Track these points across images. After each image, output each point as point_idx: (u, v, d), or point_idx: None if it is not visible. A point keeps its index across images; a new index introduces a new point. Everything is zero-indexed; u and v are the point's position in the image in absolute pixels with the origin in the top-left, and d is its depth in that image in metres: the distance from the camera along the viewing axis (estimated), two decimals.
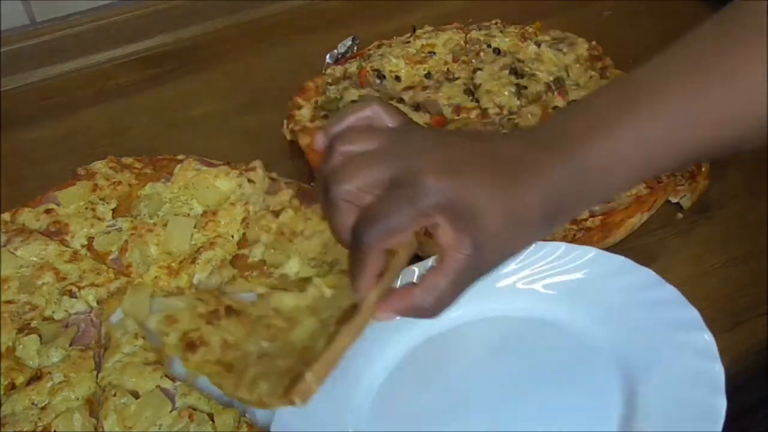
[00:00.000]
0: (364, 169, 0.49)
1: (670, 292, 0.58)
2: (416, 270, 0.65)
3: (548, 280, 0.63)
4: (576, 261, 0.63)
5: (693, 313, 0.56)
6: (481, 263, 0.49)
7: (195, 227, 0.75)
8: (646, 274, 0.60)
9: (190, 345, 0.58)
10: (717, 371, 0.51)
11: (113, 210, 0.78)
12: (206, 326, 0.60)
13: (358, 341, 0.51)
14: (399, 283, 0.60)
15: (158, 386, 0.61)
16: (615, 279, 0.61)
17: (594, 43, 0.98)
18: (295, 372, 0.50)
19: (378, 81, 0.94)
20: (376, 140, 0.50)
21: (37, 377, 0.62)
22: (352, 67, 0.96)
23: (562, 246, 0.65)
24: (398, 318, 0.52)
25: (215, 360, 0.57)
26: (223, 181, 0.79)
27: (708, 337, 0.54)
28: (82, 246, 0.74)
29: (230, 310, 0.61)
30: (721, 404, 0.49)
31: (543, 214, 0.48)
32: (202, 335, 0.59)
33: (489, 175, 0.48)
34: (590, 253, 0.64)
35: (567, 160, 0.49)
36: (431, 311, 0.50)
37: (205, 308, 0.62)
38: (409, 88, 0.93)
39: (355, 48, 1.02)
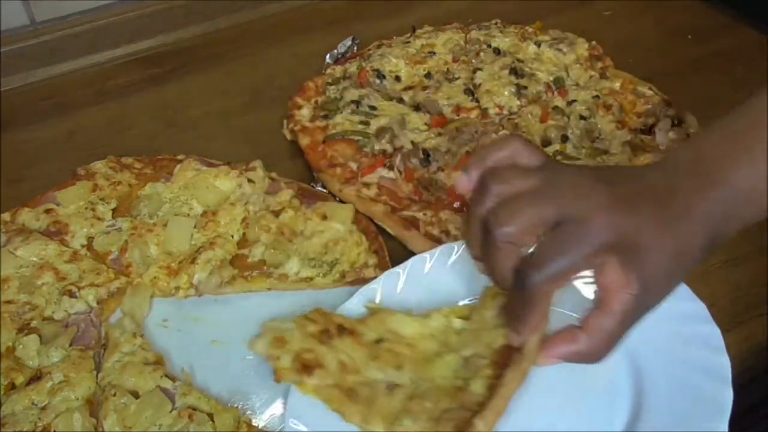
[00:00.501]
0: (525, 210, 0.48)
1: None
2: (427, 257, 0.66)
3: None
4: None
5: (699, 307, 0.56)
6: (648, 301, 0.48)
7: (195, 227, 0.75)
8: None
9: (305, 367, 0.55)
10: (724, 364, 0.52)
11: (113, 210, 0.78)
12: (320, 346, 0.56)
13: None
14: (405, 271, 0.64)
15: (158, 386, 0.61)
16: None
17: (594, 43, 0.98)
18: (453, 417, 0.49)
19: (378, 81, 0.94)
20: (530, 179, 0.50)
21: (37, 377, 0.62)
22: (352, 67, 0.96)
23: None
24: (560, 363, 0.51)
25: (334, 383, 0.54)
26: (223, 181, 0.79)
27: (715, 330, 0.54)
28: (82, 246, 0.74)
29: (342, 329, 0.58)
30: (728, 396, 0.50)
31: (703, 242, 0.49)
32: (317, 356, 0.55)
33: (652, 210, 0.48)
34: None
35: (717, 188, 0.49)
36: (597, 356, 0.49)
37: (315, 327, 0.58)
38: (409, 88, 0.93)
39: (355, 48, 1.02)
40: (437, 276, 0.66)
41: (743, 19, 1.05)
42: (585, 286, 0.57)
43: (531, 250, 0.49)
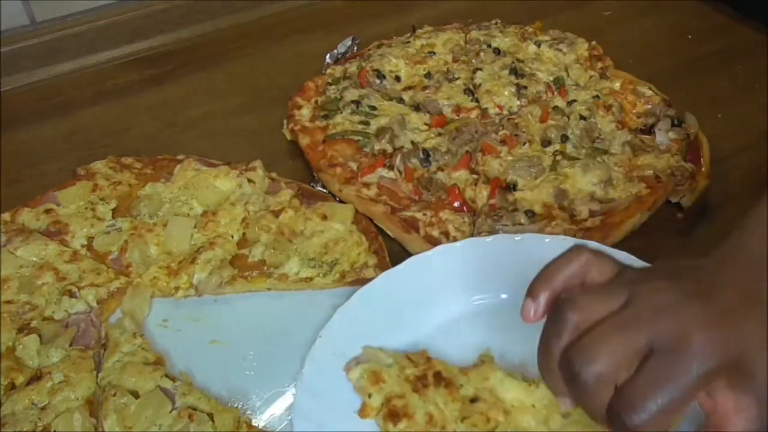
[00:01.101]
0: (613, 342, 0.43)
1: None
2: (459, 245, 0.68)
3: None
4: None
5: None
6: (765, 421, 0.43)
7: (195, 227, 0.75)
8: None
9: (392, 414, 0.55)
10: None
11: (113, 210, 0.78)
12: (412, 394, 0.56)
13: None
14: None
15: (158, 386, 0.61)
16: None
17: (594, 43, 0.98)
18: None
19: (378, 81, 0.94)
20: (610, 302, 0.45)
21: (37, 377, 0.62)
22: (352, 67, 0.96)
23: (568, 240, 0.65)
24: None
25: None
26: (223, 181, 0.79)
27: None
28: (82, 246, 0.74)
29: (439, 378, 0.57)
30: None
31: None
32: (407, 405, 0.55)
33: (755, 319, 0.43)
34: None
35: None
36: None
37: (413, 371, 0.57)
38: (409, 88, 0.93)
39: (355, 48, 1.02)
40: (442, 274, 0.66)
41: (743, 19, 1.05)
42: None
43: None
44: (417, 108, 0.90)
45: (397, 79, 0.95)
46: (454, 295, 0.66)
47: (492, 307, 0.66)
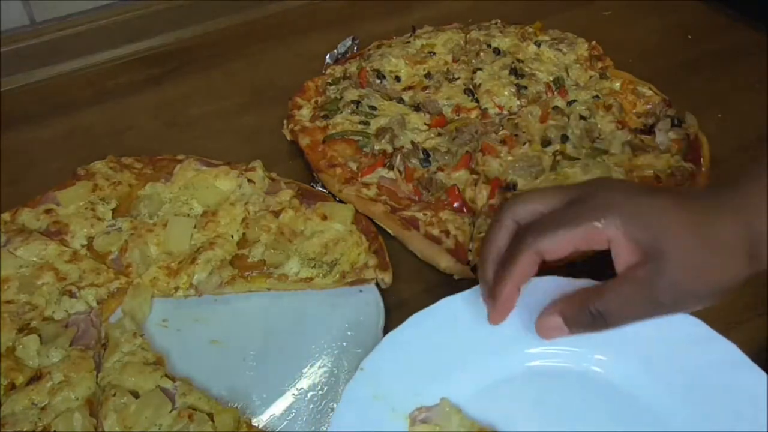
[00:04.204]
0: (541, 195, 0.48)
1: (725, 346, 0.55)
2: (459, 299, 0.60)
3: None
4: None
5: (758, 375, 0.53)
6: (661, 291, 0.47)
7: (195, 227, 0.75)
8: (695, 324, 0.57)
9: None
10: None
11: (113, 210, 0.78)
12: None
13: None
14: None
15: (158, 386, 0.61)
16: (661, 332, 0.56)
17: (594, 43, 0.98)
18: None
19: (378, 81, 0.94)
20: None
21: (37, 377, 0.62)
22: (352, 67, 0.96)
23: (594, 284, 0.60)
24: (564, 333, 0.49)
25: None
26: (223, 181, 0.79)
27: None
28: (82, 246, 0.74)
29: None
30: None
31: (741, 250, 0.47)
32: None
33: (679, 206, 0.46)
34: None
35: (762, 199, 0.47)
36: (613, 320, 0.48)
37: None
38: (409, 88, 0.93)
39: (355, 48, 1.02)
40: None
41: (743, 19, 1.05)
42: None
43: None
44: (417, 108, 0.90)
45: (397, 79, 0.95)
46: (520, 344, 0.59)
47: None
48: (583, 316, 0.49)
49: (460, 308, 0.58)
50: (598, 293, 0.48)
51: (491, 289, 0.52)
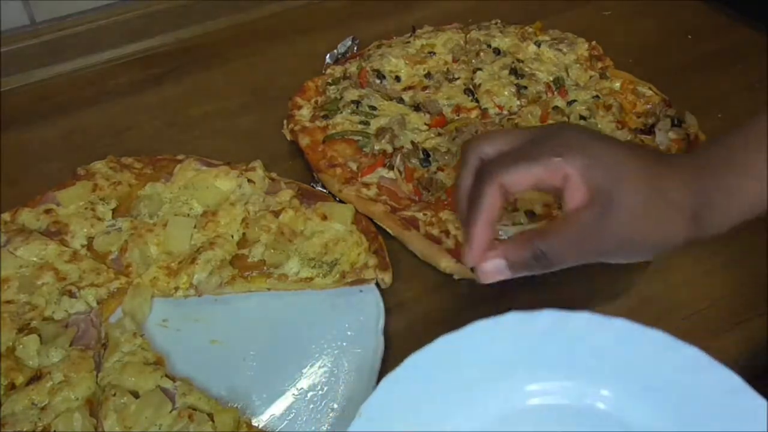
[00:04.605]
0: (505, 134, 0.50)
1: (727, 375, 0.54)
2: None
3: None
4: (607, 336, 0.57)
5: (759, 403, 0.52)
6: (604, 235, 0.48)
7: (195, 227, 0.75)
8: (694, 353, 0.55)
9: None
10: None
11: (113, 210, 0.78)
12: None
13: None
14: None
15: (158, 386, 0.61)
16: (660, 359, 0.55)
17: (594, 43, 0.98)
18: None
19: (378, 81, 0.94)
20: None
21: (37, 377, 0.62)
22: (352, 67, 0.96)
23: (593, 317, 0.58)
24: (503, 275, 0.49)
25: None
26: (223, 181, 0.79)
27: None
28: (82, 246, 0.74)
29: None
30: None
31: (688, 212, 0.48)
32: None
33: (636, 157, 0.48)
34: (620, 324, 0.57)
35: (716, 169, 0.49)
36: (556, 260, 0.49)
37: None
38: (409, 88, 0.93)
39: (355, 48, 1.02)
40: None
41: (743, 19, 1.06)
42: None
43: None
44: (417, 108, 0.90)
45: (397, 79, 0.95)
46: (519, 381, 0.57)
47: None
48: (526, 257, 0.49)
49: (457, 347, 0.56)
50: (542, 234, 0.49)
51: (463, 227, 0.53)
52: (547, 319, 0.55)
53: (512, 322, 0.54)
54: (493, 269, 0.50)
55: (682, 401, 0.54)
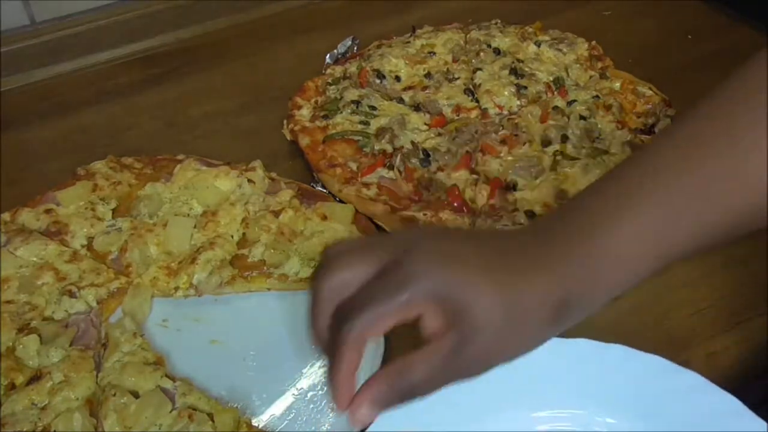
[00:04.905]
0: (351, 262, 0.46)
1: (728, 399, 0.55)
2: None
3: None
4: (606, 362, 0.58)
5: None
6: (468, 360, 0.45)
7: (195, 227, 0.75)
8: (693, 378, 0.56)
9: None
10: None
11: (113, 210, 0.78)
12: None
13: None
14: None
15: (158, 386, 0.61)
16: (658, 384, 0.56)
17: (594, 43, 0.98)
18: None
19: (378, 81, 0.94)
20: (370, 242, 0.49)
21: (37, 377, 0.62)
22: (352, 67, 0.96)
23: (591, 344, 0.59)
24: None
25: None
26: (223, 181, 0.79)
27: None
28: (82, 246, 0.74)
29: None
30: None
31: (548, 313, 0.45)
32: None
33: (486, 270, 0.45)
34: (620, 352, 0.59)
35: (571, 257, 0.46)
36: (413, 394, 0.47)
37: None
38: (409, 88, 0.93)
39: (355, 48, 1.02)
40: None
41: (743, 19, 1.05)
42: None
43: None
44: (417, 108, 0.90)
45: (397, 79, 0.95)
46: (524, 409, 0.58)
47: None
48: (393, 395, 0.47)
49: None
50: (405, 369, 0.46)
51: (328, 376, 0.49)
52: (547, 346, 0.54)
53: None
54: (364, 414, 0.47)
55: (684, 426, 0.54)
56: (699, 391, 0.56)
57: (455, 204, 0.77)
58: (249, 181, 0.79)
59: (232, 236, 0.74)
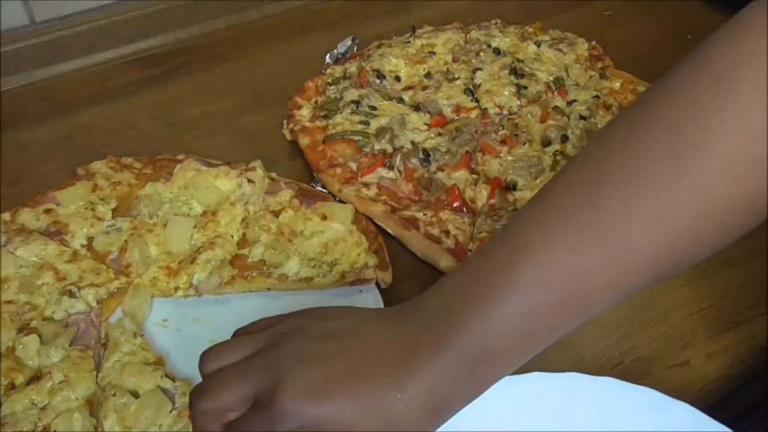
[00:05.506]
0: (227, 387, 0.45)
1: (719, 428, 0.53)
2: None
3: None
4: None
5: None
6: None
7: (195, 227, 0.75)
8: (683, 409, 0.54)
9: None
10: None
11: (113, 210, 0.78)
12: None
13: None
14: None
15: (158, 386, 0.61)
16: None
17: (594, 43, 0.98)
18: None
19: (378, 81, 0.94)
20: (247, 347, 0.47)
21: (36, 377, 0.62)
22: (352, 67, 0.96)
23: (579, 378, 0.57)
24: None
25: None
26: (223, 181, 0.79)
27: None
28: (82, 246, 0.74)
29: None
30: None
31: (422, 415, 0.43)
32: None
33: (354, 390, 0.43)
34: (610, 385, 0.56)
35: (441, 352, 0.43)
36: None
37: None
38: (409, 88, 0.93)
39: (355, 48, 1.03)
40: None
41: None
42: None
43: None
44: (417, 108, 0.90)
45: (397, 79, 0.95)
46: None
47: None
48: None
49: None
50: None
51: None
52: (534, 380, 0.54)
53: (502, 385, 0.48)
54: None
55: None
56: (689, 422, 0.54)
57: (455, 204, 0.77)
58: (249, 181, 0.79)
59: (232, 236, 0.74)
